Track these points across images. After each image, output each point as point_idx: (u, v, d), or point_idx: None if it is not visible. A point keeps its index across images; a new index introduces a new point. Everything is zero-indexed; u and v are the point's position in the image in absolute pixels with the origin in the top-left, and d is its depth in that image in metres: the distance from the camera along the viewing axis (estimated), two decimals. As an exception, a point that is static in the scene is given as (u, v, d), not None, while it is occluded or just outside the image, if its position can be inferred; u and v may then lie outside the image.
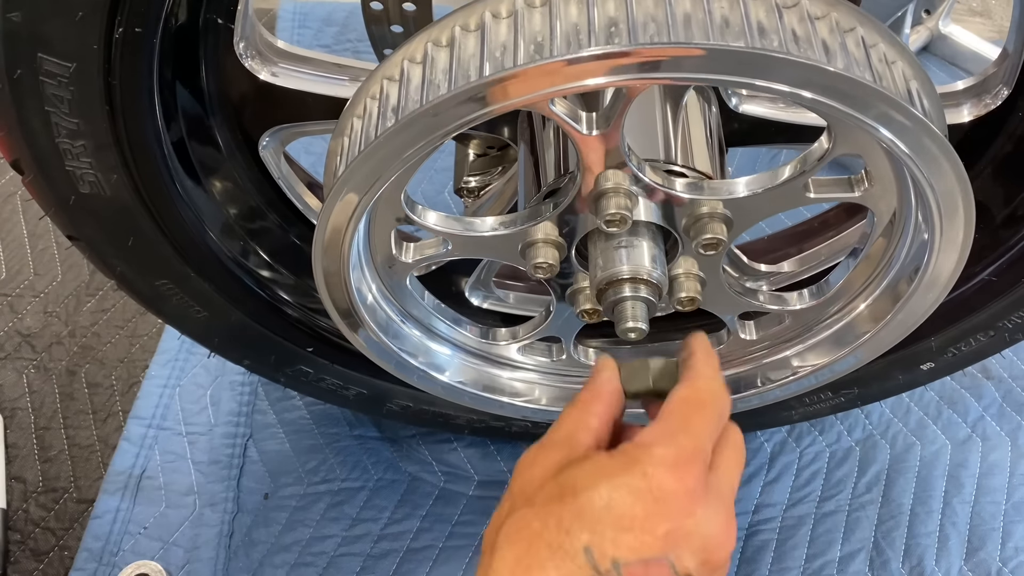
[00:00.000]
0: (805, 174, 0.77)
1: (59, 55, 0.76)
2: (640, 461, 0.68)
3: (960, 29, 1.70)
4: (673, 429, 0.71)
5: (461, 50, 0.69)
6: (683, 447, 0.70)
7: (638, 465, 0.68)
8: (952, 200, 0.74)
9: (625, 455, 0.70)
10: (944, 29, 1.69)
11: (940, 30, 1.70)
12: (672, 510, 0.67)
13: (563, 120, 0.73)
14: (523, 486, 0.72)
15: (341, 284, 0.87)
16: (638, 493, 0.67)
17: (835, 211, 1.11)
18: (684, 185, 0.81)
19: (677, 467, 0.69)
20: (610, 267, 0.82)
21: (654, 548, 0.66)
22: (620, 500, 0.67)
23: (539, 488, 0.70)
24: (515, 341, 1.02)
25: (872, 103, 0.66)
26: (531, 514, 0.69)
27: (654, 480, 0.68)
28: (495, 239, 0.85)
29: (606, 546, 0.66)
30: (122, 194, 0.88)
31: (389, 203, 0.83)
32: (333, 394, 1.21)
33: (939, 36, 1.70)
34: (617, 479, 0.68)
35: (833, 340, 0.96)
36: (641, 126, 0.83)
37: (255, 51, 0.90)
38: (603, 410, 0.77)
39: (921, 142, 0.69)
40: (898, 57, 0.71)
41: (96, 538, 1.30)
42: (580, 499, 0.67)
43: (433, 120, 0.69)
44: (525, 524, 0.68)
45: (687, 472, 0.69)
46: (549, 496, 0.69)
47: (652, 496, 0.67)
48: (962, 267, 0.80)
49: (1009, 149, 0.94)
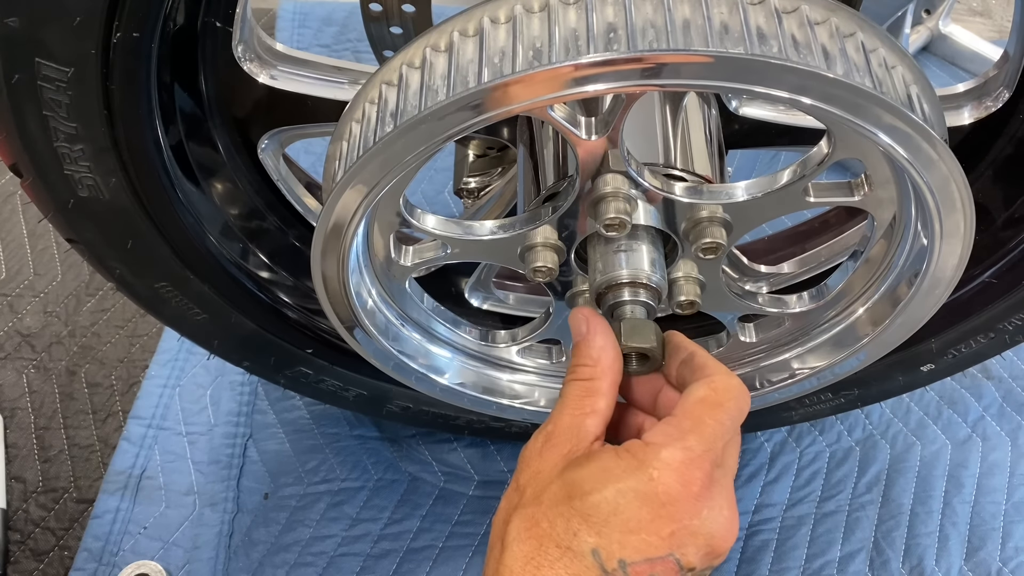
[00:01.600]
0: (805, 178, 0.77)
1: (57, 60, 0.76)
2: (647, 464, 0.69)
3: (960, 29, 1.69)
4: (684, 430, 0.70)
5: (460, 55, 0.69)
6: (692, 449, 0.69)
7: (644, 469, 0.68)
8: (952, 204, 0.74)
9: (632, 456, 0.70)
10: (944, 29, 1.69)
11: (940, 30, 1.70)
12: (678, 513, 0.68)
13: (562, 125, 0.73)
14: (530, 479, 0.73)
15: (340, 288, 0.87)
16: (644, 497, 0.68)
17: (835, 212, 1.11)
18: (683, 189, 0.80)
19: (685, 471, 0.69)
20: (609, 271, 0.81)
21: (660, 548, 0.68)
22: (626, 505, 0.68)
23: (546, 486, 0.71)
24: (515, 343, 1.01)
25: (871, 109, 0.66)
26: (539, 513, 0.70)
27: (660, 485, 0.68)
28: (494, 243, 0.85)
29: (613, 548, 0.67)
30: (121, 197, 0.88)
31: (388, 207, 0.82)
32: (333, 395, 1.21)
33: (939, 36, 1.70)
34: (623, 483, 0.68)
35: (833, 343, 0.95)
36: (640, 130, 0.82)
37: (254, 54, 0.90)
38: (608, 388, 0.76)
39: (921, 147, 0.68)
40: (898, 62, 0.71)
41: (96, 538, 1.30)
42: (587, 502, 0.68)
43: (431, 125, 0.68)
44: (534, 523, 0.70)
45: (694, 476, 0.69)
46: (556, 497, 0.70)
47: (659, 500, 0.68)
48: (963, 270, 0.79)
49: (1010, 152, 0.94)
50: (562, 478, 0.70)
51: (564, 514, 0.68)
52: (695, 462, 0.69)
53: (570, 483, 0.70)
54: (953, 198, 0.73)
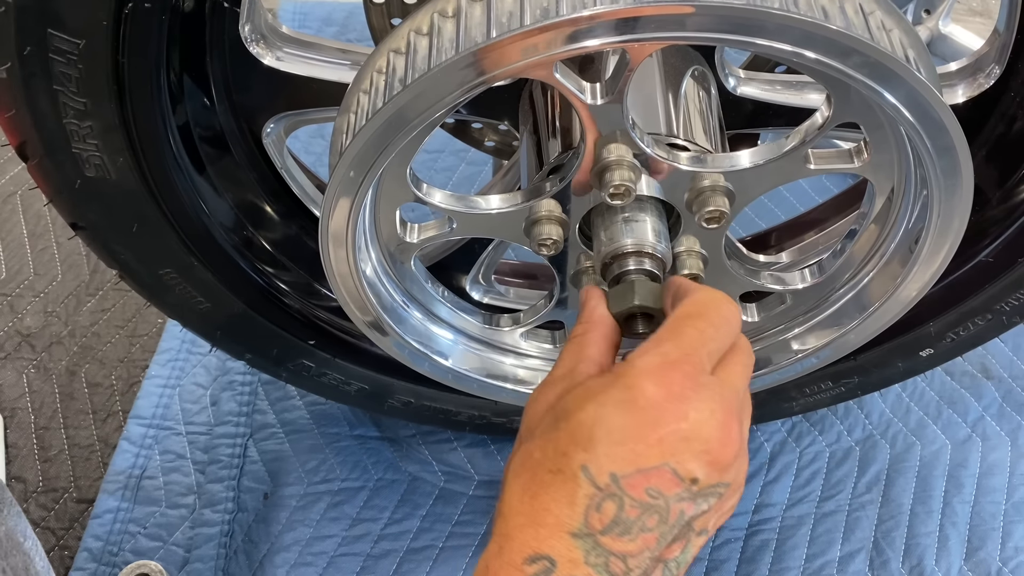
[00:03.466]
0: (806, 144, 0.78)
1: (69, 31, 0.77)
2: (624, 375, 0.68)
3: (960, 29, 1.68)
4: (661, 339, 0.70)
5: (468, 19, 0.70)
6: (668, 355, 0.68)
7: (622, 379, 0.68)
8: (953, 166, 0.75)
9: (612, 373, 0.70)
10: (944, 29, 1.68)
11: (940, 30, 1.68)
12: (662, 416, 0.66)
13: (568, 88, 0.74)
14: (527, 423, 0.73)
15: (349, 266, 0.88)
16: (624, 405, 0.67)
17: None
18: (687, 158, 0.82)
19: (661, 374, 0.67)
20: (615, 240, 0.82)
21: (650, 457, 0.66)
22: (608, 416, 0.67)
23: (539, 421, 0.71)
24: (518, 326, 1.02)
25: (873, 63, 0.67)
26: (532, 446, 0.69)
27: (637, 391, 0.67)
28: (499, 216, 0.86)
29: (602, 462, 0.66)
30: (128, 178, 0.89)
31: (394, 180, 0.83)
32: (335, 390, 1.21)
33: (939, 36, 1.69)
34: (602, 396, 0.68)
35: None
36: (643, 101, 0.84)
37: (260, 35, 0.91)
38: (598, 338, 0.76)
39: (922, 104, 0.70)
40: (895, 26, 0.72)
41: (96, 538, 1.29)
42: (571, 422, 0.68)
43: (441, 83, 0.70)
44: (528, 456, 0.69)
45: (672, 378, 0.67)
46: (547, 426, 0.69)
47: (638, 406, 0.67)
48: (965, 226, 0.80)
49: (1002, 130, 0.95)
50: (552, 410, 0.71)
51: (552, 440, 0.68)
52: (672, 365, 0.68)
53: (557, 411, 0.70)
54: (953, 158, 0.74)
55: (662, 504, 0.66)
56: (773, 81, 0.95)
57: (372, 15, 1.04)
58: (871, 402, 1.40)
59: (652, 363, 0.68)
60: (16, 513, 0.93)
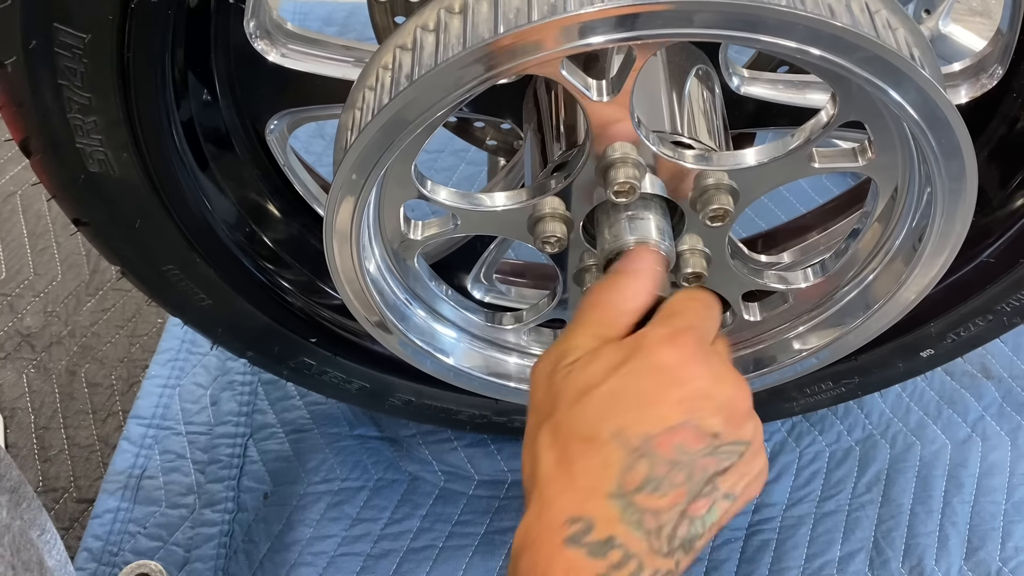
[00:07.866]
0: (810, 143, 0.78)
1: (75, 25, 0.76)
2: (640, 346, 0.75)
3: (960, 29, 1.68)
4: (667, 314, 0.79)
5: (475, 15, 0.70)
6: (675, 325, 0.77)
7: (639, 350, 0.75)
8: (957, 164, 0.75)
9: (627, 345, 0.76)
10: (944, 29, 1.68)
11: (940, 30, 1.68)
12: (681, 376, 0.73)
13: (573, 85, 0.74)
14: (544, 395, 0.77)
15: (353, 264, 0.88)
16: (646, 371, 0.73)
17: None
18: (691, 156, 0.82)
19: (673, 339, 0.75)
20: (619, 238, 0.83)
21: (674, 415, 0.72)
22: (633, 383, 0.73)
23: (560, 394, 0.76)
24: (521, 324, 1.02)
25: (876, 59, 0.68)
26: (559, 418, 0.74)
27: (655, 356, 0.74)
28: (503, 214, 0.86)
29: (632, 425, 0.71)
30: (131, 173, 0.89)
31: (399, 177, 0.83)
32: (335, 388, 1.21)
33: (939, 36, 1.68)
34: (624, 367, 0.74)
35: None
36: (648, 99, 0.84)
37: (264, 31, 0.91)
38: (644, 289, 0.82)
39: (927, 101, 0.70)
40: (900, 24, 0.73)
41: (96, 538, 1.29)
42: (599, 392, 0.73)
43: (447, 79, 0.70)
44: (556, 428, 0.74)
45: (684, 342, 0.75)
46: (571, 399, 0.74)
47: (658, 369, 0.73)
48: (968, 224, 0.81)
49: (1004, 131, 0.95)
50: (573, 383, 0.75)
51: (581, 412, 0.73)
52: (682, 332, 0.76)
53: (581, 383, 0.75)
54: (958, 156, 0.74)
55: (688, 460, 0.72)
56: (776, 80, 0.95)
57: (376, 13, 1.04)
58: (871, 402, 1.40)
59: (664, 333, 0.76)
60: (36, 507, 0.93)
